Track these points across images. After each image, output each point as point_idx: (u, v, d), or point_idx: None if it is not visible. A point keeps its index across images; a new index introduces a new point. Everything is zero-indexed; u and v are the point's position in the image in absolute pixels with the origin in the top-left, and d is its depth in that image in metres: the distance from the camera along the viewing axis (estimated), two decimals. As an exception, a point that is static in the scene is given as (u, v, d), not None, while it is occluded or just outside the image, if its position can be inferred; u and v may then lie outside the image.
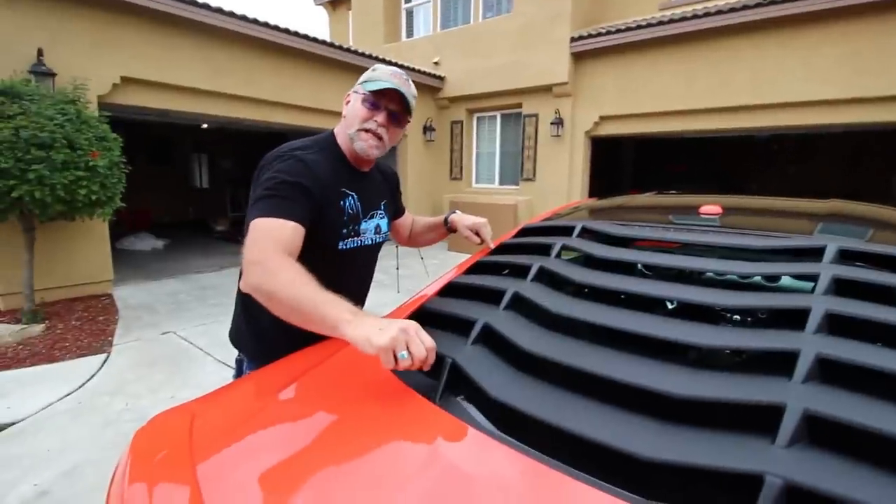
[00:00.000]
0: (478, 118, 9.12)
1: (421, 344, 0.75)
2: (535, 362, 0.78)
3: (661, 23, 6.42)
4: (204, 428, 0.80)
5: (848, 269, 0.83)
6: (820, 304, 0.74)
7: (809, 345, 0.66)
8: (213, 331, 4.11)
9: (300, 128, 7.13)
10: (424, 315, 1.08)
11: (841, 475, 0.50)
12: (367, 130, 1.16)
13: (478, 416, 0.75)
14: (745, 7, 5.81)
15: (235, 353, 1.36)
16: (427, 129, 9.07)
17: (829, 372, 0.63)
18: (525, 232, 1.40)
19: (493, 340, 0.89)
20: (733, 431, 0.59)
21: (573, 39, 7.22)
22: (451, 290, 1.18)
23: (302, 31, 6.46)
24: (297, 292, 0.85)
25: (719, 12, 5.98)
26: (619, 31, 6.79)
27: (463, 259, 1.92)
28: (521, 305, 0.97)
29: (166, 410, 0.89)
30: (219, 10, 5.51)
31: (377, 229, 1.32)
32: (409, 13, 10.05)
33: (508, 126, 8.74)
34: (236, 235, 9.71)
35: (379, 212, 1.33)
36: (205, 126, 9.10)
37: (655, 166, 10.93)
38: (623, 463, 0.58)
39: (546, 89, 7.76)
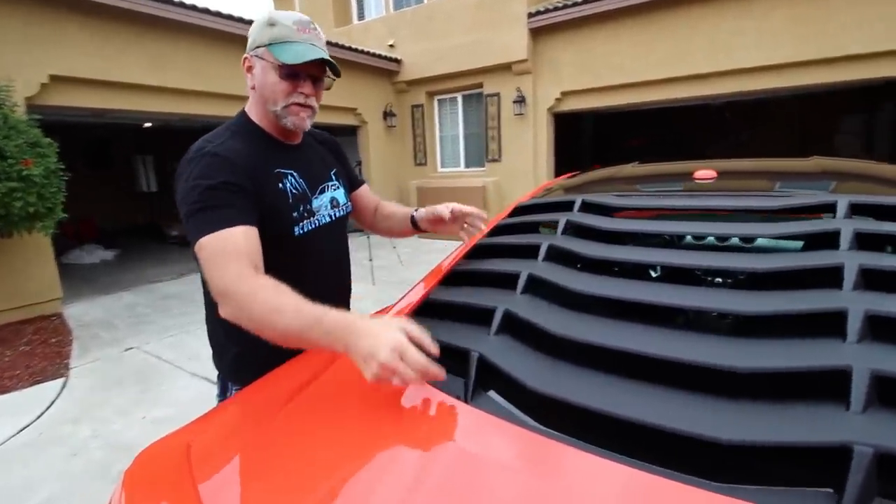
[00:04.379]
0: (438, 101, 8.95)
1: (415, 361, 0.69)
2: (570, 348, 0.72)
3: (616, -6, 6.41)
4: (205, 456, 0.71)
5: (865, 223, 0.82)
6: (852, 260, 0.71)
7: (854, 302, 0.64)
8: (181, 342, 3.88)
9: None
10: (432, 306, 1.00)
11: None
12: (295, 104, 1.02)
13: (516, 412, 0.68)
14: (697, -25, 5.87)
15: (210, 364, 1.22)
16: (387, 114, 8.84)
17: (880, 329, 0.61)
18: (520, 210, 1.33)
19: (516, 328, 0.82)
20: (802, 402, 0.56)
21: (530, 15, 7.14)
22: (455, 277, 1.09)
23: (248, 17, 6.07)
24: (280, 318, 0.79)
25: (672, -19, 6.03)
26: (575, 4, 6.76)
27: (436, 246, 1.78)
28: (539, 288, 0.90)
29: (155, 442, 0.79)
30: (157, -1, 5.09)
31: (333, 202, 1.18)
32: (359, -6, 9.69)
33: (471, 107, 8.62)
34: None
35: (331, 183, 1.18)
36: (148, 125, 8.51)
37: (615, 140, 11.10)
38: (697, 449, 0.54)
39: (506, 67, 7.66)
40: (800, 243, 1.31)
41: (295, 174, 1.08)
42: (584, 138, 11.79)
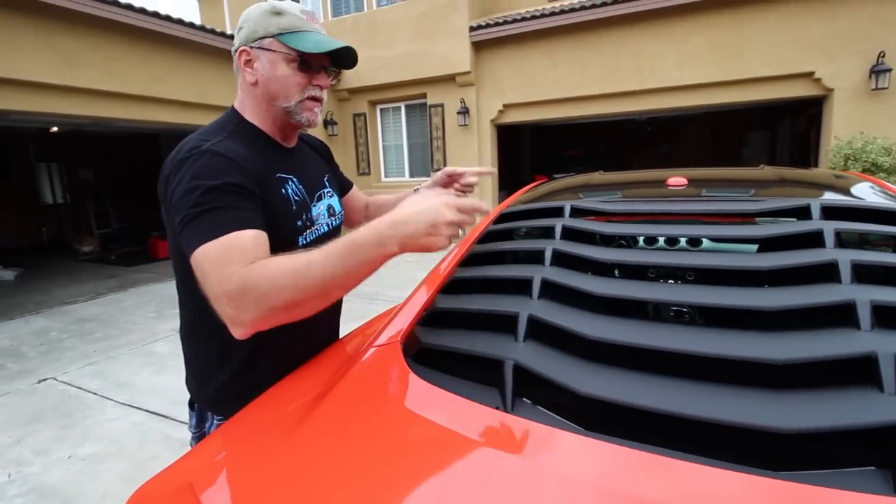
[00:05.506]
0: (381, 110, 8.88)
1: (467, 205, 0.75)
2: (607, 351, 0.71)
3: (553, 13, 6.76)
4: (216, 494, 0.64)
5: (842, 224, 0.89)
6: (843, 256, 0.77)
7: (858, 294, 0.69)
8: (106, 370, 3.50)
9: (182, 126, 6.28)
10: (440, 315, 0.97)
11: None
12: (311, 99, 0.95)
13: (560, 419, 0.66)
14: (625, 0, 6.32)
15: (145, 391, 1.09)
16: (328, 122, 8.62)
17: (884, 317, 0.66)
18: (505, 217, 1.32)
19: (544, 333, 0.79)
20: (838, 389, 0.59)
21: (472, 29, 7.31)
22: (456, 285, 1.05)
23: (175, 16, 5.67)
24: (314, 267, 0.73)
25: (604, 4, 6.46)
26: (515, 20, 7.02)
27: (404, 256, 1.72)
28: (553, 292, 0.89)
29: (147, 483, 0.69)
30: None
31: (330, 210, 1.10)
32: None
33: (414, 117, 8.62)
34: (109, 255, 8.45)
35: (326, 190, 1.11)
36: (55, 129, 7.66)
37: (553, 152, 11.60)
38: (755, 439, 0.55)
39: (450, 79, 7.77)
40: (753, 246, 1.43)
41: (295, 180, 0.99)
42: (523, 149, 12.21)
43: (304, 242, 0.98)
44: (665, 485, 0.54)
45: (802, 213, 0.98)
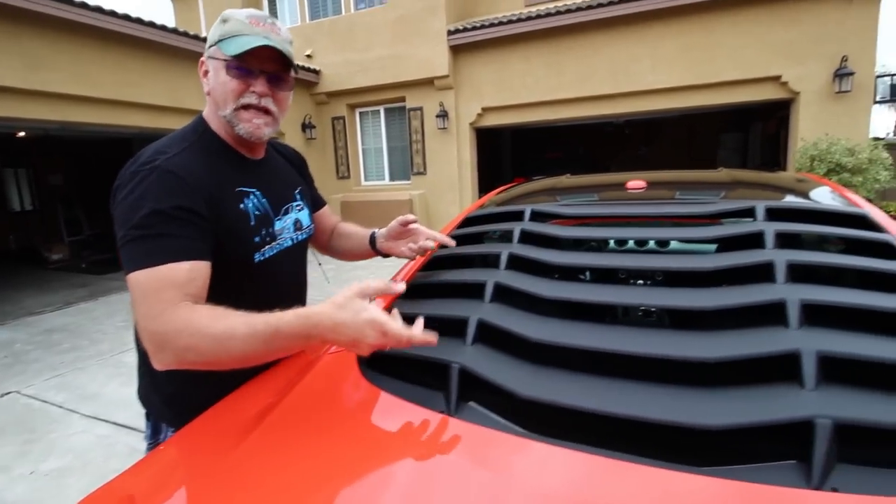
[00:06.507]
0: (360, 113, 8.84)
1: (397, 334, 0.70)
2: (549, 352, 0.73)
3: (529, 18, 6.83)
4: None
5: (782, 224, 0.93)
6: (779, 256, 0.80)
7: (789, 293, 0.72)
8: (72, 382, 3.40)
9: (156, 130, 6.14)
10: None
11: (871, 405, 0.55)
12: (247, 107, 0.89)
13: (503, 421, 0.68)
14: (599, 5, 6.45)
15: (112, 403, 1.07)
16: (306, 126, 8.53)
17: (814, 315, 0.69)
18: (469, 221, 1.34)
19: (492, 337, 0.81)
20: (762, 384, 0.62)
21: (450, 32, 7.34)
22: (415, 290, 1.06)
23: (145, 18, 5.55)
24: (234, 343, 0.71)
25: (578, 9, 6.56)
26: (492, 25, 7.08)
27: (361, 262, 1.72)
28: (505, 296, 0.91)
29: (85, 498, 0.67)
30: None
31: (297, 224, 1.07)
32: (272, 2, 9.32)
33: (394, 120, 8.61)
34: (80, 263, 8.22)
35: (295, 203, 1.07)
36: (22, 134, 7.43)
37: (533, 154, 11.72)
38: (673, 437, 0.58)
39: (428, 82, 7.78)
40: (712, 246, 1.48)
41: (258, 193, 0.96)
42: (503, 151, 12.30)
43: (262, 258, 0.96)
44: (590, 484, 0.55)
45: (747, 214, 1.01)
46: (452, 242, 1.14)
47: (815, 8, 5.85)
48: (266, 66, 0.89)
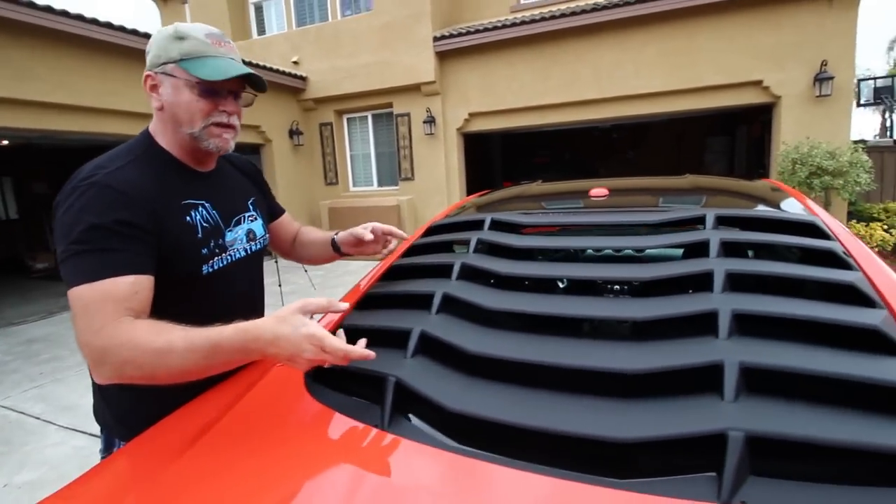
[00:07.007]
0: (348, 119, 8.84)
1: (336, 349, 0.70)
2: (484, 365, 0.74)
3: (514, 24, 6.88)
4: None
5: (729, 233, 0.95)
6: (720, 266, 0.81)
7: (723, 303, 0.72)
8: (51, 393, 3.36)
9: (139, 138, 6.10)
10: (348, 332, 0.98)
11: (787, 417, 0.56)
12: (217, 125, 0.92)
13: (435, 434, 0.68)
14: (583, 11, 6.51)
15: (90, 415, 1.08)
16: (293, 132, 8.51)
17: (744, 325, 0.70)
18: (433, 230, 1.36)
19: (433, 349, 0.82)
20: (685, 395, 0.62)
21: (436, 39, 7.36)
22: (370, 300, 1.07)
23: (128, 26, 5.52)
24: (173, 358, 0.72)
25: (563, 15, 6.61)
26: (478, 31, 7.11)
27: (350, 267, 1.73)
28: (453, 307, 0.92)
29: None
30: (13, 0, 4.43)
31: (250, 235, 1.08)
32: (259, 8, 9.31)
33: (381, 126, 8.61)
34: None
35: (248, 214, 1.08)
36: (5, 143, 7.36)
37: (523, 159, 11.77)
38: (595, 449, 0.58)
39: (415, 88, 7.80)
40: (679, 251, 1.50)
41: (207, 205, 0.96)
42: (493, 156, 12.34)
43: (211, 270, 0.96)
44: (498, 496, 0.56)
45: (698, 223, 1.02)
46: (405, 235, 1.22)
47: (794, 13, 5.94)
48: (233, 86, 0.93)
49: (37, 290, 6.93)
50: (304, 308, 0.73)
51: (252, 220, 1.09)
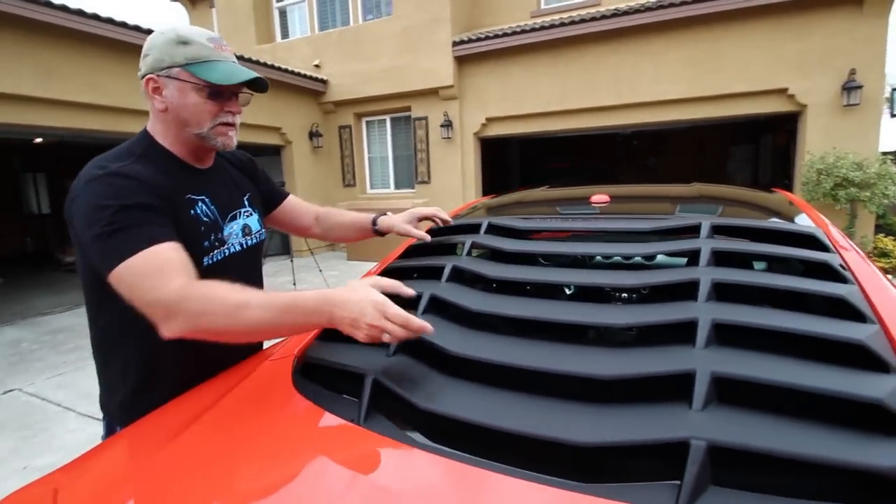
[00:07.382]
0: (367, 122, 8.95)
1: (396, 315, 0.74)
2: (463, 365, 0.76)
3: (534, 29, 6.87)
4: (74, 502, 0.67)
5: (722, 242, 0.94)
6: (707, 275, 0.82)
7: (704, 312, 0.73)
8: (72, 381, 3.48)
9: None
10: (335, 332, 1.00)
11: (752, 429, 0.55)
12: (223, 124, 0.98)
13: (407, 431, 0.70)
14: (603, 17, 6.46)
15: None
16: (313, 134, 8.66)
17: (725, 335, 0.70)
18: (431, 233, 1.39)
19: (415, 348, 0.84)
20: (655, 402, 0.62)
21: (455, 43, 7.41)
22: None
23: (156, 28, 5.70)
24: (250, 313, 0.77)
25: (582, 20, 6.58)
26: (497, 36, 7.13)
27: (366, 268, 1.78)
28: (439, 308, 0.94)
29: (13, 493, 0.72)
30: (47, 4, 4.63)
31: (246, 230, 1.12)
32: (283, 13, 9.51)
33: (399, 129, 8.69)
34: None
35: (243, 210, 1.13)
36: (39, 140, 7.67)
37: (541, 163, 11.71)
38: (561, 452, 0.59)
39: (433, 92, 7.86)
40: (684, 259, 1.49)
41: (206, 200, 1.01)
42: (511, 161, 12.31)
43: (210, 262, 1.00)
44: (458, 493, 0.57)
45: (693, 231, 1.02)
46: (448, 218, 1.29)
47: (823, 20, 5.78)
48: (238, 88, 0.98)
49: (64, 282, 7.19)
50: (375, 283, 0.79)
51: (247, 216, 1.14)
